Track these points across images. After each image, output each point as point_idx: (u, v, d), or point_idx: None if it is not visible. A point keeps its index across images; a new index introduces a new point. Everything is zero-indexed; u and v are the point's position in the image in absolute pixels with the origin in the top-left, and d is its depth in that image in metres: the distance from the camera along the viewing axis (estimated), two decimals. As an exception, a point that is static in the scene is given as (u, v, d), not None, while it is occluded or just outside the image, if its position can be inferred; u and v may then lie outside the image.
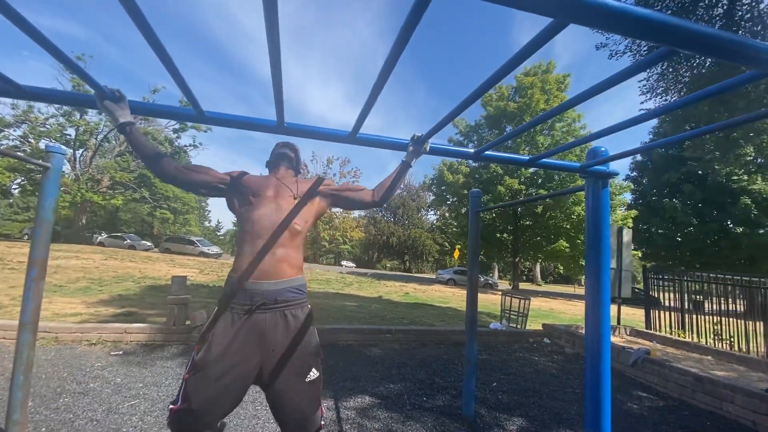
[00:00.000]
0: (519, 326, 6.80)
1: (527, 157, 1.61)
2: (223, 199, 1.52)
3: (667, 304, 7.12)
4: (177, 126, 29.20)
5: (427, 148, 1.49)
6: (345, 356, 4.47)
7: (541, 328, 6.63)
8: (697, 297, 7.03)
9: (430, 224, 49.68)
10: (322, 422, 1.41)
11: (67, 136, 26.86)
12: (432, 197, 30.63)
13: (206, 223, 61.64)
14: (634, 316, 11.65)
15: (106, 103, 1.22)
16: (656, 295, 7.42)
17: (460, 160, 21.01)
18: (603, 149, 1.77)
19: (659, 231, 24.81)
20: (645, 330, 6.77)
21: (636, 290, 19.64)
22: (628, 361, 4.53)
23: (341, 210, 41.84)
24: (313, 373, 1.34)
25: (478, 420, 3.06)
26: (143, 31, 0.82)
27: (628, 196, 25.95)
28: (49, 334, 4.19)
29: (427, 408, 3.24)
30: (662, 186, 24.80)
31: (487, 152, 1.49)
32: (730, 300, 6.11)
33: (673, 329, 6.87)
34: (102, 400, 2.90)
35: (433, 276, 33.28)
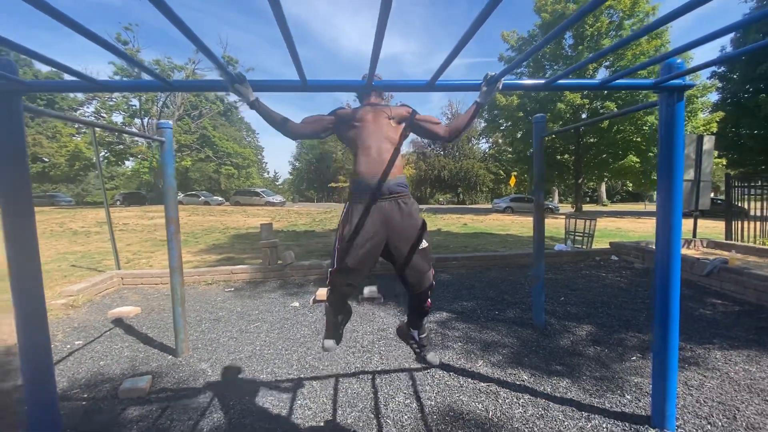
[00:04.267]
0: (584, 247, 6.84)
1: (598, 81, 1.66)
2: (293, 146, 1.91)
3: (757, 213, 6.65)
4: (224, 83, 29.91)
5: (500, 87, 1.61)
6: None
7: (608, 246, 6.62)
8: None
9: (482, 153, 47.94)
10: (433, 282, 1.92)
11: (133, 107, 28.90)
12: (483, 124, 29.17)
13: (265, 175, 65.07)
14: (714, 229, 10.94)
15: (236, 86, 1.50)
16: (742, 205, 6.93)
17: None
18: (679, 61, 1.75)
19: (752, 132, 21.77)
20: (724, 241, 6.48)
21: (718, 201, 18.02)
22: (703, 272, 4.51)
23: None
24: (424, 243, 1.82)
25: (548, 327, 3.40)
26: (275, 11, 1.02)
27: (713, 97, 22.68)
28: (175, 278, 5.12)
29: (499, 320, 3.63)
30: (757, 80, 21.19)
31: (559, 81, 1.58)
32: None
33: (758, 239, 6.49)
34: (232, 324, 3.64)
35: (489, 206, 32.93)
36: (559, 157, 23.39)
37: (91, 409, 2.26)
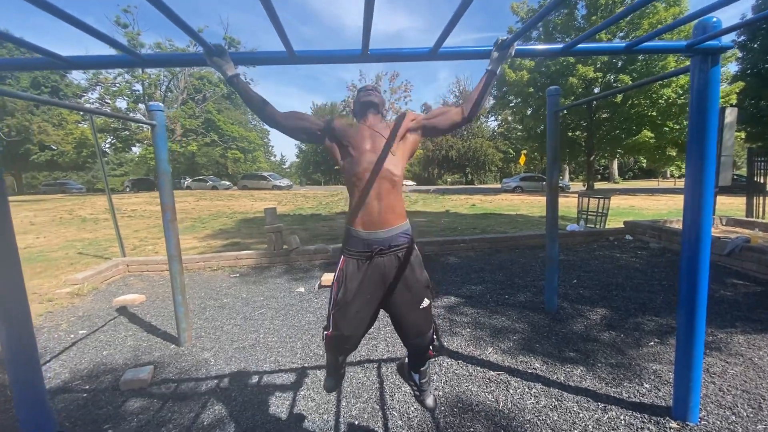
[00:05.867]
0: (598, 226, 6.64)
1: (623, 45, 1.47)
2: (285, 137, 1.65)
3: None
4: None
5: (513, 52, 1.43)
6: (425, 265, 4.84)
7: (622, 226, 6.41)
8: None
9: (491, 131, 46.97)
10: (434, 337, 1.73)
11: (136, 92, 28.70)
12: (492, 101, 28.34)
13: (272, 158, 64.83)
14: (731, 205, 10.59)
15: (214, 59, 1.35)
16: (761, 181, 6.62)
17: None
18: (714, 20, 1.55)
19: (771, 104, 20.84)
20: (745, 218, 6.22)
21: (735, 177, 17.45)
22: (724, 251, 4.31)
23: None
24: (425, 302, 1.61)
25: (561, 312, 3.27)
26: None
27: (732, 67, 21.68)
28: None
29: (510, 304, 3.51)
30: (779, 47, 20.11)
31: (579, 46, 1.40)
32: None
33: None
34: (237, 311, 3.59)
35: (498, 186, 32.48)
36: (570, 133, 22.74)
37: (92, 402, 2.22)
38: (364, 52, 1.34)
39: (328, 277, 4.18)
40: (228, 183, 31.19)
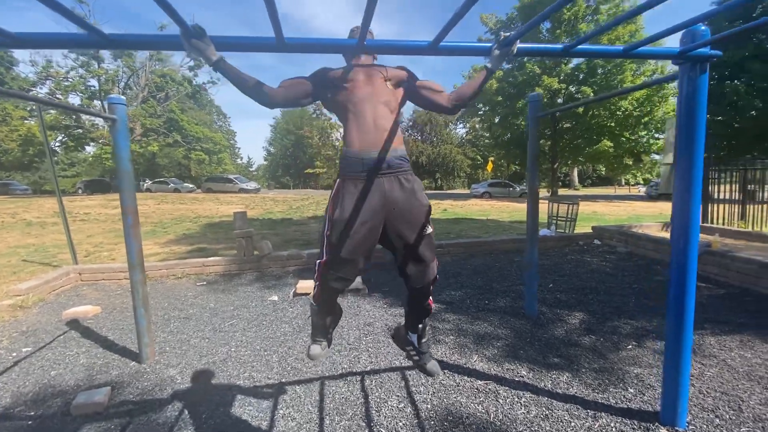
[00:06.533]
0: (567, 231, 6.84)
1: (621, 48, 1.46)
2: (267, 131, 1.57)
3: (721, 196, 6.89)
4: (192, 63, 28.46)
5: (515, 50, 1.38)
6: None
7: (590, 230, 6.63)
8: (755, 186, 6.70)
9: (459, 138, 47.98)
10: (437, 275, 1.64)
11: (92, 88, 26.99)
12: (462, 109, 28.99)
13: (238, 161, 62.85)
14: (683, 211, 11.30)
15: (193, 42, 1.19)
16: (715, 188, 7.10)
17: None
18: (703, 28, 1.57)
19: (716, 118, 22.60)
20: (702, 224, 6.61)
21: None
22: (686, 255, 4.52)
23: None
24: (428, 228, 1.53)
25: (541, 317, 3.28)
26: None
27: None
28: (140, 272, 4.72)
29: (490, 309, 3.49)
30: (722, 66, 21.87)
31: (579, 47, 1.36)
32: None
33: (730, 221, 6.67)
34: (205, 322, 3.34)
35: (467, 191, 33.14)
36: (535, 142, 23.61)
37: (38, 430, 1.95)
38: (361, 42, 1.23)
39: (303, 284, 4.00)
40: (191, 185, 29.86)
